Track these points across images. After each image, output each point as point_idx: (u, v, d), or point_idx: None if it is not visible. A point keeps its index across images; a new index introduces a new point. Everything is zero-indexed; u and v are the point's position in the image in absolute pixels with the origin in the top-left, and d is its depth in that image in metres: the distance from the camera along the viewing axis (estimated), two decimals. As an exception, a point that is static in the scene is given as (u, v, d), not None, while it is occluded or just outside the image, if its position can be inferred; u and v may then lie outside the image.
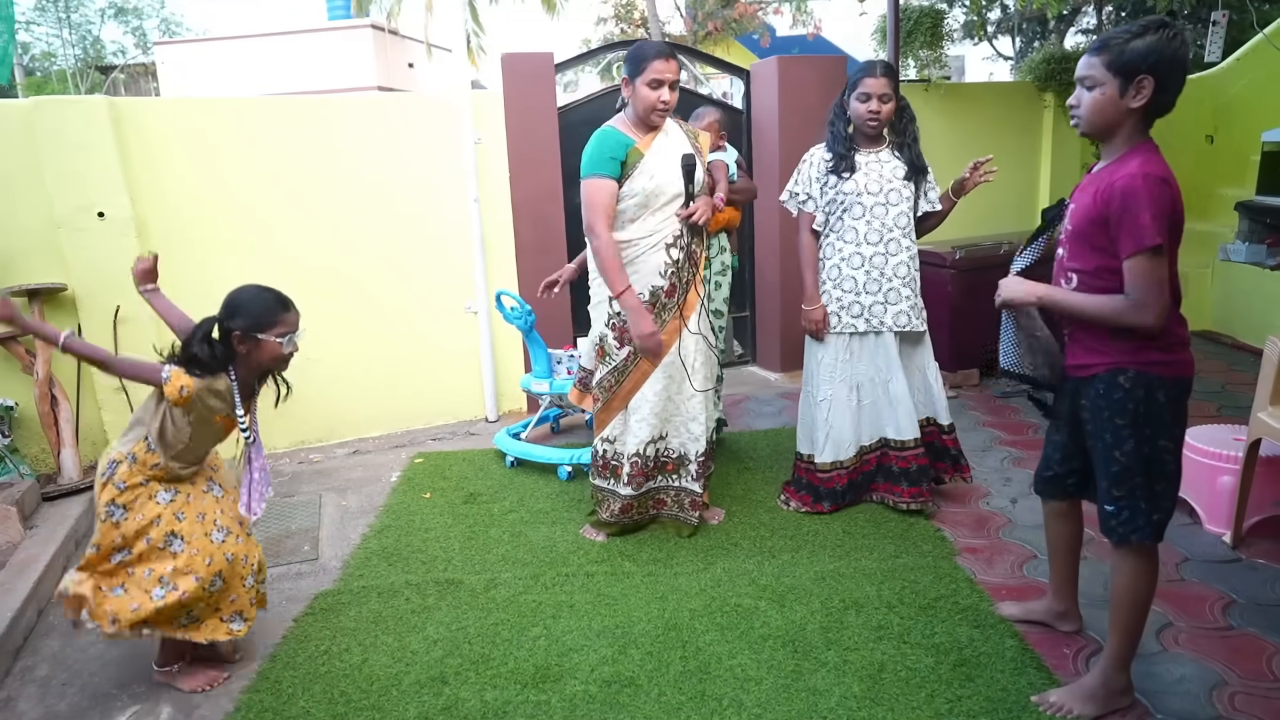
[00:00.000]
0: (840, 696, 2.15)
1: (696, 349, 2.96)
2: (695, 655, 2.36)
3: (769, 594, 2.65)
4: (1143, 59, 1.75)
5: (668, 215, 2.85)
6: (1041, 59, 5.47)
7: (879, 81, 2.89)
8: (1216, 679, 2.15)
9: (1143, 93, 1.77)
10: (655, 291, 2.88)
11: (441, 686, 2.28)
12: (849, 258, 2.99)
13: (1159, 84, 1.76)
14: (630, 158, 2.81)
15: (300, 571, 2.99)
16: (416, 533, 3.24)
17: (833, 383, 3.06)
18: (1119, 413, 1.90)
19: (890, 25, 4.59)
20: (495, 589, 2.78)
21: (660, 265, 2.86)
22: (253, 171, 3.98)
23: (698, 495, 3.03)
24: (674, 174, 2.82)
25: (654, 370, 2.92)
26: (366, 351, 4.31)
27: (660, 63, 2.76)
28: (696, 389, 2.96)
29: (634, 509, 3.05)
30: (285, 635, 2.56)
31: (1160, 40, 1.74)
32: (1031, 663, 2.25)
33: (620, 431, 3.00)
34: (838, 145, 2.98)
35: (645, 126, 2.86)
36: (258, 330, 2.22)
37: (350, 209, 4.18)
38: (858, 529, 3.06)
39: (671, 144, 2.87)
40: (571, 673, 2.31)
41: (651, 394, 2.94)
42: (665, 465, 3.06)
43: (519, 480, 3.69)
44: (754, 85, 4.96)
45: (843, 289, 3.01)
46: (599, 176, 2.79)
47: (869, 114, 2.91)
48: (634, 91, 2.81)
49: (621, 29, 20.43)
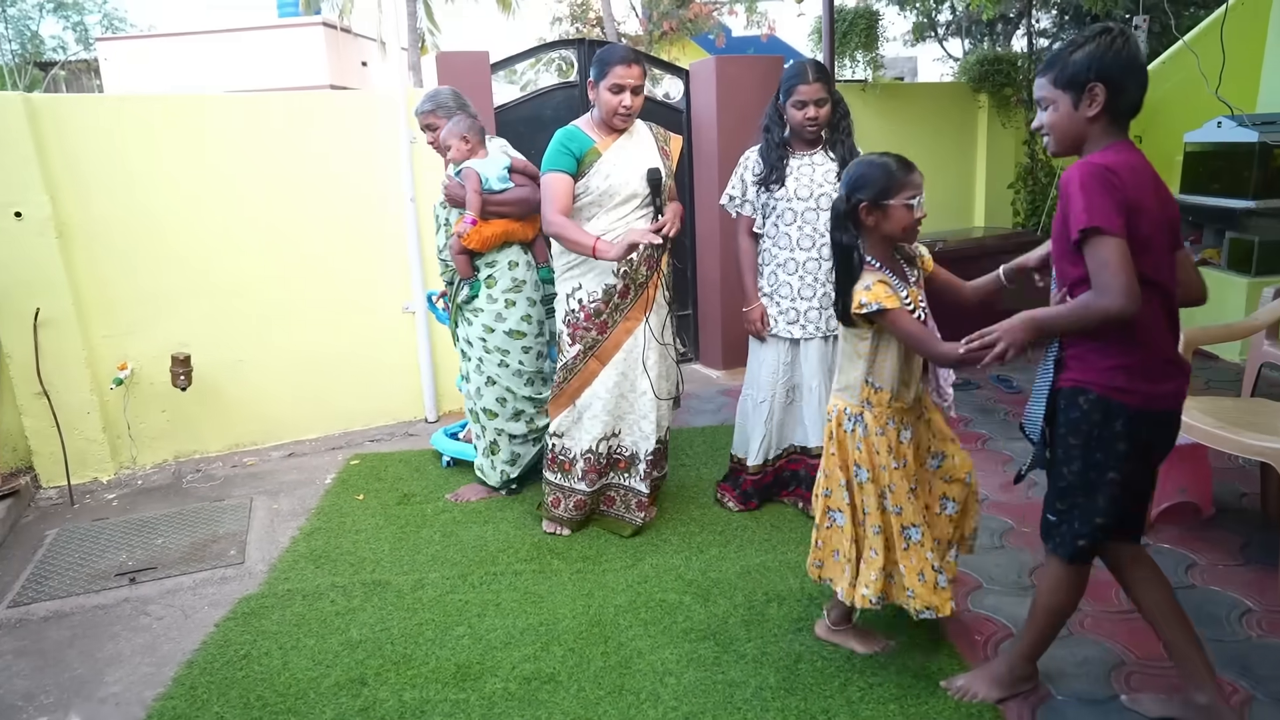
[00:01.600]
0: (756, 687, 2.18)
1: (650, 352, 2.97)
2: (617, 651, 2.38)
3: (694, 589, 2.68)
4: (1086, 68, 1.73)
5: (622, 215, 2.89)
6: (975, 61, 5.59)
7: (813, 87, 2.88)
8: (1117, 660, 2.23)
9: (1096, 100, 1.73)
10: (609, 290, 2.91)
11: (360, 688, 2.27)
12: (784, 263, 3.02)
13: (1111, 88, 1.72)
14: (588, 157, 2.86)
15: (225, 576, 2.94)
16: (347, 535, 3.21)
17: (773, 385, 3.09)
18: (1073, 431, 1.86)
19: (825, 27, 4.65)
20: (422, 589, 2.77)
21: (614, 264, 2.89)
22: (184, 170, 3.90)
23: (644, 496, 3.05)
24: (630, 176, 2.87)
25: (603, 369, 2.95)
26: (301, 352, 4.26)
27: (622, 68, 2.80)
28: (660, 397, 2.99)
29: (588, 505, 3.07)
30: (205, 641, 2.53)
31: (1100, 46, 1.72)
32: (944, 650, 2.30)
33: (570, 427, 3.02)
34: (770, 154, 2.99)
35: (608, 129, 2.90)
36: (883, 198, 2.05)
37: (285, 208, 4.13)
38: (785, 524, 3.11)
39: (635, 146, 2.92)
40: (493, 671, 2.31)
41: (604, 391, 2.96)
42: (618, 463, 3.08)
43: (454, 480, 3.68)
44: (693, 85, 5.00)
45: (780, 294, 3.03)
46: (555, 171, 2.86)
47: (807, 120, 2.92)
48: (597, 95, 2.86)
49: (577, 28, 20.40)
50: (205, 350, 4.02)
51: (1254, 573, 2.60)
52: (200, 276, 4.00)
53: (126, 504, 3.65)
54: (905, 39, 18.80)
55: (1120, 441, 1.81)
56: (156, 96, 4.02)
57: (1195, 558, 2.71)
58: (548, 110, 4.73)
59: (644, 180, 2.85)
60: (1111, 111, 1.75)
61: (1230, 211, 4.88)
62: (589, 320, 2.91)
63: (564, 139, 2.88)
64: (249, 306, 4.13)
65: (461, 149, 3.26)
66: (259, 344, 4.16)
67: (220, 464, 4.08)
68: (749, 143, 3.14)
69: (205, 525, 3.36)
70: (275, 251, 4.14)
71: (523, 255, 3.33)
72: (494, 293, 3.27)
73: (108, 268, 3.81)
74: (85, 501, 3.70)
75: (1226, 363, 4.78)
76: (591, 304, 2.91)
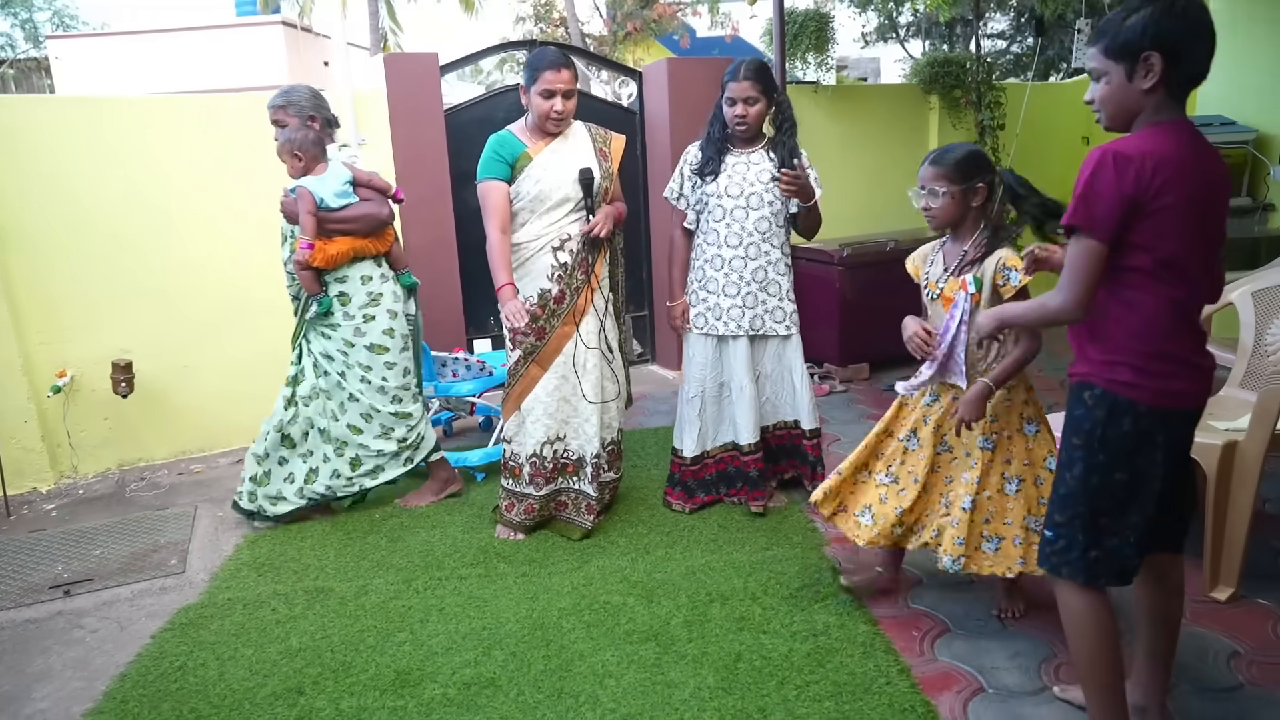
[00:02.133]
0: (695, 688, 2.19)
1: (588, 356, 2.98)
2: (558, 654, 2.37)
3: (639, 590, 2.68)
4: (1140, 35, 1.56)
5: (555, 219, 2.89)
6: (926, 62, 5.66)
7: (741, 85, 2.90)
8: (1047, 652, 2.27)
9: (1153, 71, 1.56)
10: (544, 295, 2.91)
11: (297, 697, 2.24)
12: (711, 259, 3.04)
13: (1169, 57, 1.55)
14: (519, 162, 2.86)
15: (164, 586, 2.89)
16: (292, 541, 3.17)
17: (703, 380, 3.11)
18: (1075, 430, 1.71)
19: (775, 28, 4.68)
20: (366, 595, 2.74)
21: (548, 269, 2.90)
22: (126, 172, 3.83)
23: (592, 499, 3.05)
24: (562, 179, 2.87)
25: (544, 374, 2.95)
26: (250, 357, 4.19)
27: (551, 73, 2.80)
28: (590, 400, 2.98)
29: (538, 510, 3.07)
30: (140, 653, 2.48)
31: (1157, 10, 1.55)
32: (881, 646, 2.33)
33: (516, 432, 3.02)
34: (709, 147, 3.01)
35: (542, 133, 2.90)
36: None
37: (231, 211, 4.06)
38: (733, 523, 3.13)
39: (569, 150, 2.92)
40: (432, 676, 2.30)
41: (545, 395, 2.96)
42: (565, 467, 3.08)
43: (401, 485, 3.64)
44: (645, 87, 5.01)
45: (707, 290, 3.05)
46: (489, 179, 2.87)
47: (735, 118, 2.94)
48: (530, 100, 2.86)
49: (540, 28, 20.34)
50: (149, 356, 3.95)
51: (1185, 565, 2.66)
52: (144, 280, 3.93)
53: (66, 514, 3.57)
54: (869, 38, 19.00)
55: (1129, 441, 1.65)
56: (100, 97, 3.95)
57: (1128, 550, 2.76)
58: (500, 112, 4.71)
59: (576, 184, 2.86)
60: (1171, 82, 1.57)
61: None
62: (527, 325, 2.92)
63: (496, 145, 2.87)
64: (195, 311, 4.06)
65: (295, 166, 3.08)
66: (205, 349, 4.10)
67: (166, 472, 4.01)
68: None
69: (146, 535, 3.30)
70: (221, 254, 4.08)
71: (376, 269, 3.19)
72: (349, 309, 3.15)
73: (45, 271, 3.73)
74: (23, 512, 3.61)
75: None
76: (528, 310, 2.91)
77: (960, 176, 2.16)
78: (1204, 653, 2.23)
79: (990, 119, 5.47)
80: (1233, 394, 2.87)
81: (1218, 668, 2.17)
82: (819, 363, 5.07)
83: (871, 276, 4.88)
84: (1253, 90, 4.89)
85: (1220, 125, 4.87)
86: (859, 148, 5.50)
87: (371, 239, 3.15)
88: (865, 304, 4.86)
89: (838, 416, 4.32)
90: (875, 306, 4.88)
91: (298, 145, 3.06)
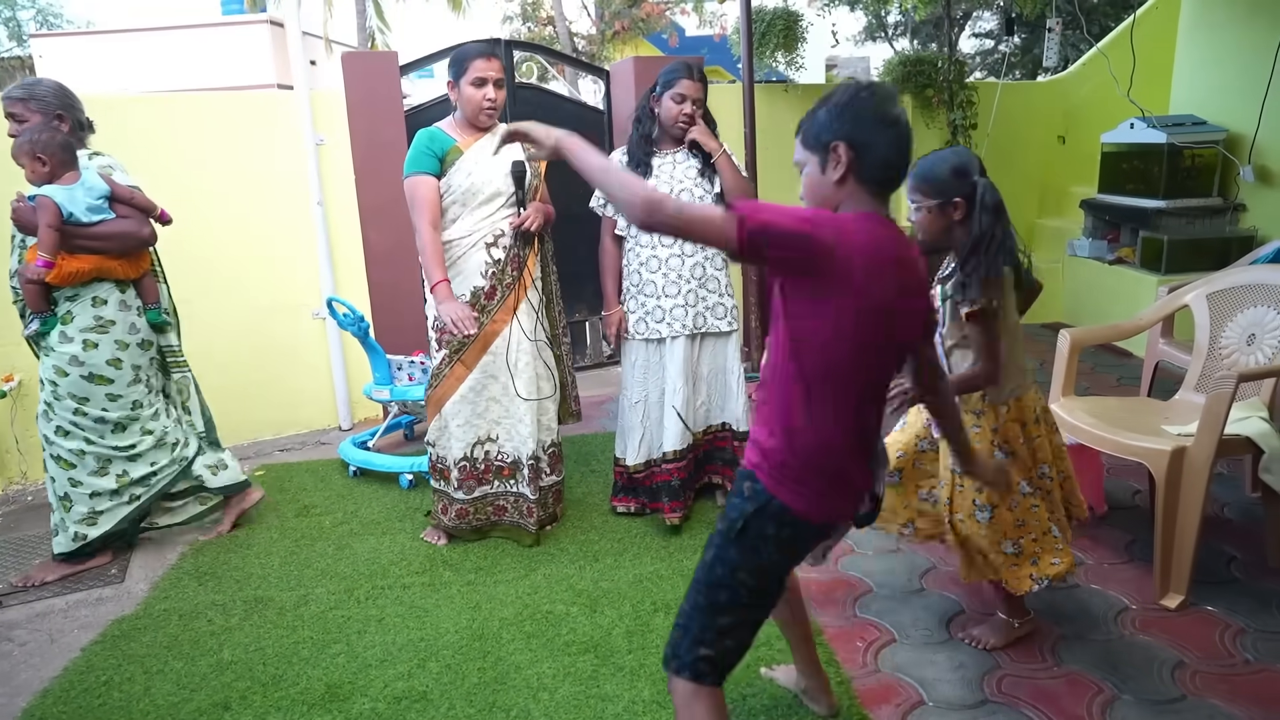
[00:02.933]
0: (629, 702, 2.14)
1: (521, 354, 2.92)
2: (495, 666, 2.32)
3: (583, 599, 2.63)
4: (827, 126, 1.50)
5: (487, 214, 2.85)
6: (899, 62, 5.62)
7: (695, 85, 2.90)
8: (991, 664, 2.23)
9: (840, 162, 1.49)
10: (476, 292, 2.87)
11: (223, 713, 2.19)
12: (646, 262, 2.99)
13: (856, 147, 1.47)
14: (450, 156, 2.81)
15: (101, 597, 2.83)
16: (238, 550, 3.11)
17: (645, 385, 3.06)
18: (724, 515, 1.59)
19: (743, 27, 4.63)
20: (306, 605, 2.69)
21: (481, 265, 2.85)
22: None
23: (532, 503, 2.99)
24: (493, 174, 2.82)
25: (469, 373, 2.89)
26: (206, 361, 4.11)
27: (482, 61, 2.78)
28: (522, 396, 2.92)
29: (470, 514, 3.00)
30: (66, 667, 2.42)
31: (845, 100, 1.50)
32: (823, 657, 2.26)
33: (439, 435, 2.96)
34: (636, 150, 2.99)
35: (473, 127, 2.85)
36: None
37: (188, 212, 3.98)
38: (686, 529, 3.07)
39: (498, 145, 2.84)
40: (363, 690, 2.24)
41: (470, 395, 2.91)
42: (501, 470, 3.01)
43: (358, 491, 3.59)
44: (613, 86, 4.96)
45: (645, 294, 3.01)
46: (417, 174, 2.80)
47: (683, 116, 2.91)
48: (459, 93, 2.82)
49: (528, 28, 20.29)
50: (101, 360, 3.88)
51: (1135, 570, 2.63)
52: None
53: (11, 522, 3.51)
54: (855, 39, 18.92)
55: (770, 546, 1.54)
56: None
57: (1082, 556, 2.72)
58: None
59: (508, 178, 2.82)
60: (859, 174, 1.49)
61: (1143, 211, 4.96)
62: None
63: (425, 140, 2.82)
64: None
65: (36, 171, 2.69)
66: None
67: (119, 477, 3.93)
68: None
69: (90, 543, 3.23)
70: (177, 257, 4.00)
71: (115, 292, 2.84)
72: (69, 330, 2.78)
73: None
74: (-32, 520, 3.55)
75: (1139, 359, 4.84)
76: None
77: (935, 191, 2.04)
78: (1149, 663, 2.19)
79: (962, 118, 5.43)
80: (1187, 397, 2.83)
81: (1161, 679, 2.12)
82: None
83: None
84: (1222, 90, 4.86)
85: (1192, 125, 4.84)
86: (831, 147, 5.45)
87: (123, 261, 2.83)
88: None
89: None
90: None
91: (42, 147, 2.67)
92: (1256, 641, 2.25)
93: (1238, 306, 2.85)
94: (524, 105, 4.70)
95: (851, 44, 13.01)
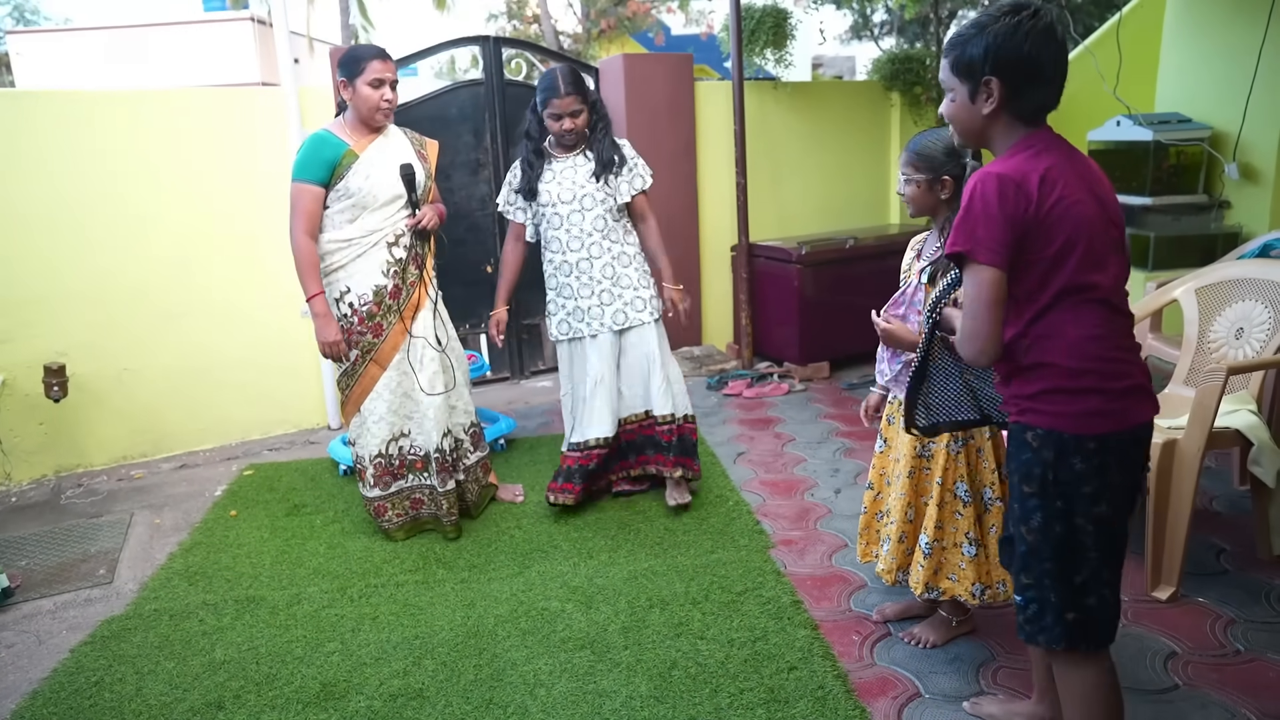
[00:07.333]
0: (626, 697, 2.14)
1: (425, 351, 2.99)
2: (491, 663, 2.31)
3: (578, 596, 2.62)
4: (980, 58, 1.44)
5: (388, 215, 2.91)
6: (887, 59, 5.64)
7: (565, 100, 2.93)
8: (986, 656, 2.24)
9: (992, 96, 1.46)
10: (380, 291, 2.91)
11: (216, 712, 2.16)
12: (559, 267, 3.10)
13: (1007, 83, 1.44)
14: (344, 160, 2.84)
15: (90, 598, 2.80)
16: (228, 549, 3.09)
17: (570, 380, 3.20)
18: (1026, 478, 1.54)
19: (732, 25, 4.63)
20: (298, 604, 2.67)
21: (383, 264, 2.91)
22: (62, 170, 3.71)
23: (441, 494, 3.02)
24: (391, 176, 2.88)
25: (384, 371, 2.95)
26: (193, 360, 4.09)
27: (379, 63, 2.83)
28: (425, 391, 2.98)
29: (388, 510, 3.04)
30: (55, 668, 2.39)
31: (1000, 31, 1.42)
32: (819, 651, 2.29)
33: (359, 434, 3.02)
34: (524, 166, 3.07)
35: (366, 128, 2.89)
36: None
37: (172, 211, 3.96)
38: (680, 526, 3.07)
39: (392, 147, 2.93)
40: (359, 688, 2.23)
41: (386, 393, 2.97)
42: (414, 464, 3.06)
43: (348, 489, 3.57)
44: (602, 83, 4.94)
45: (564, 296, 3.10)
46: (304, 182, 2.83)
47: (564, 132, 2.98)
48: (355, 93, 2.83)
49: (514, 25, 20.23)
50: (87, 359, 3.84)
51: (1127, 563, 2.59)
52: (81, 282, 3.82)
53: (-5, 522, 3.46)
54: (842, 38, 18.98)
55: (1085, 481, 1.48)
56: (34, 91, 3.83)
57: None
58: (453, 109, 4.63)
59: (401, 180, 2.88)
60: (1012, 110, 1.47)
61: (1129, 208, 5.00)
62: (363, 324, 2.91)
63: (315, 145, 2.82)
64: (135, 313, 3.95)
65: None
66: (146, 352, 3.99)
67: (105, 478, 3.89)
68: (658, 141, 3.17)
69: (78, 544, 3.19)
70: (163, 255, 3.97)
71: None
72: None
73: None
74: (-48, 521, 3.49)
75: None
76: (363, 307, 2.91)
77: (926, 167, 2.09)
78: (1141, 654, 2.21)
79: (951, 116, 5.45)
80: (1176, 391, 2.85)
81: (1154, 669, 2.14)
82: (779, 361, 5.04)
83: (831, 275, 4.85)
84: (1208, 88, 4.91)
85: (1177, 123, 4.89)
86: (819, 145, 5.46)
87: None
88: (825, 303, 4.83)
89: (795, 416, 4.28)
90: (835, 305, 4.86)
91: None
92: (1247, 631, 2.27)
93: (1226, 301, 2.88)
94: (512, 103, 4.68)
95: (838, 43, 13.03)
